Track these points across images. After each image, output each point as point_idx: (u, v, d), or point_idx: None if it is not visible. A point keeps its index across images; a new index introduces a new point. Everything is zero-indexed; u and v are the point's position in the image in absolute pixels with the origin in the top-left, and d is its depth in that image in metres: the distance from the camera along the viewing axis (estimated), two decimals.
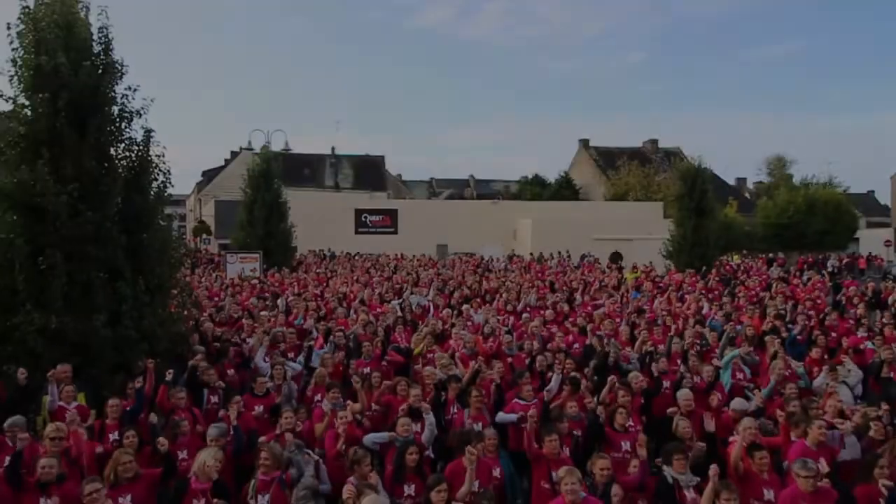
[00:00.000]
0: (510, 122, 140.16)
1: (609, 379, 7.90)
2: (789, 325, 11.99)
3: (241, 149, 42.81)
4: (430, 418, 6.90)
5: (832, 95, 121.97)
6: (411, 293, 16.45)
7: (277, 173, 25.90)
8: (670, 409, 7.22)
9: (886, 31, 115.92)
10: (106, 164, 8.77)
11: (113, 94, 9.08)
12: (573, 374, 8.26)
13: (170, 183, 9.93)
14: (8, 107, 8.62)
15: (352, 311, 13.33)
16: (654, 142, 57.26)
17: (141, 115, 9.37)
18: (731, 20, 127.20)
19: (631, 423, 6.99)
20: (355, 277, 20.09)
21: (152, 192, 9.63)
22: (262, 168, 25.05)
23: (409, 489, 5.89)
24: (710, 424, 7.10)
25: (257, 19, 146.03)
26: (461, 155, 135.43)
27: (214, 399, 8.19)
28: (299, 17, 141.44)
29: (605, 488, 5.61)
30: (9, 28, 8.59)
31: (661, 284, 19.62)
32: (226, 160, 54.53)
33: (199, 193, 52.32)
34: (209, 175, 54.81)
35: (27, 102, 8.51)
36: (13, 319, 8.13)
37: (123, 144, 9.40)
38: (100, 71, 8.73)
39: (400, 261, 27.14)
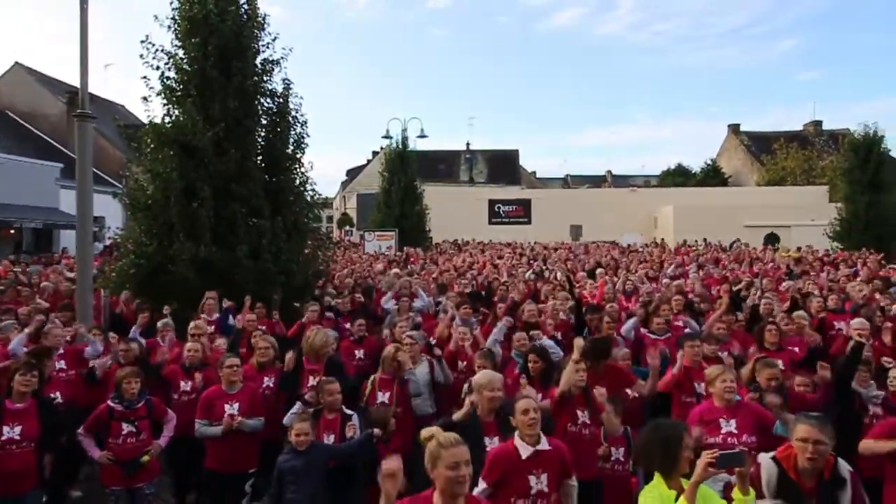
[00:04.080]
0: (648, 120, 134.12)
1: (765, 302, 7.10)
2: None
3: (381, 148, 44.74)
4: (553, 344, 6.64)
5: None
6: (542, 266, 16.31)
7: (412, 158, 26.65)
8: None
9: None
10: (248, 108, 9.30)
11: (255, 45, 9.69)
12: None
13: (307, 134, 10.41)
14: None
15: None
16: (818, 123, 51.57)
17: (280, 64, 9.92)
18: None
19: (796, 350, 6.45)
20: (487, 254, 20.19)
21: (291, 140, 10.13)
22: (398, 152, 25.89)
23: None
24: None
25: (397, 34, 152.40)
26: (597, 155, 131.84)
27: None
28: (436, 28, 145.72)
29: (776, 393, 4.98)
30: None
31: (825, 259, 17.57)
32: (367, 160, 57.20)
33: (344, 191, 55.31)
34: (353, 173, 57.80)
35: (182, 54, 9.28)
36: (170, 250, 8.89)
37: (266, 95, 9.99)
38: (244, 18, 9.32)
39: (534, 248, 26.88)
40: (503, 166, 53.77)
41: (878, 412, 5.01)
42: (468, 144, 55.78)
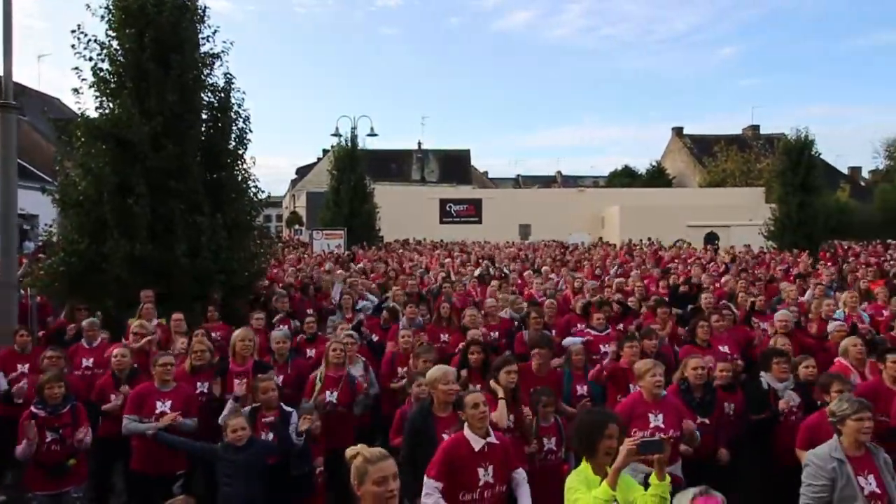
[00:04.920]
0: (597, 122, 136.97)
1: (704, 298, 7.38)
2: None
3: (332, 146, 44.28)
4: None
5: None
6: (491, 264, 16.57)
7: (362, 156, 26.43)
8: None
9: None
10: (188, 102, 9.06)
11: (197, 38, 9.46)
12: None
13: (250, 129, 10.22)
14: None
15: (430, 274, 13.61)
16: (756, 128, 53.71)
17: (221, 58, 9.72)
18: (833, 8, 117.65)
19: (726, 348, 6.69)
20: (436, 253, 20.28)
21: (233, 136, 9.92)
22: (347, 150, 25.63)
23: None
24: None
25: (348, 32, 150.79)
26: (548, 156, 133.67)
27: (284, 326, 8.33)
28: (387, 27, 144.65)
29: (703, 391, 5.18)
30: None
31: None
32: (318, 158, 56.48)
33: (293, 189, 54.47)
34: (302, 172, 56.99)
35: (116, 45, 8.97)
36: (103, 248, 8.59)
37: (207, 90, 9.76)
38: (182, 10, 9.08)
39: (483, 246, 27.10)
40: (455, 166, 53.97)
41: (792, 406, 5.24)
42: (420, 144, 55.83)
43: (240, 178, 9.96)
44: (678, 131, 55.82)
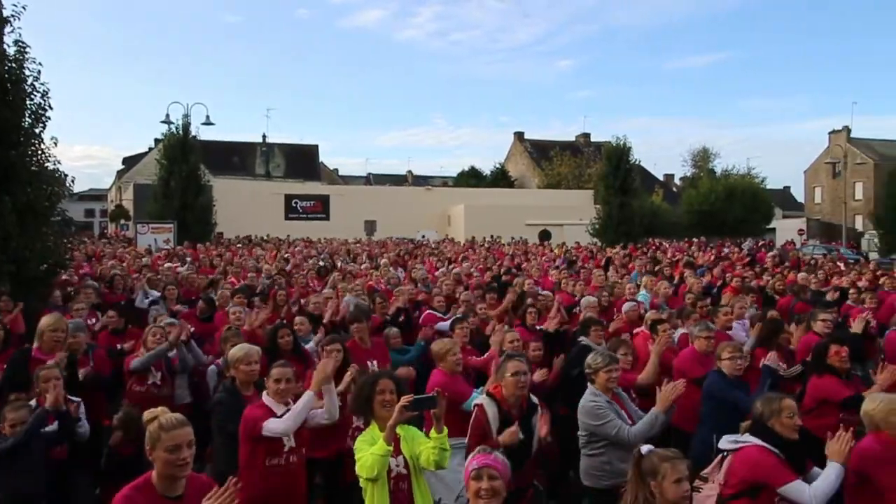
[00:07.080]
0: (447, 124, 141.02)
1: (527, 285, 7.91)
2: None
3: (162, 134, 41.08)
4: None
5: (754, 104, 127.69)
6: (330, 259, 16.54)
7: (196, 146, 24.81)
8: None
9: (798, 43, 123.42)
10: None
11: None
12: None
13: (49, 106, 9.19)
14: None
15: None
16: (587, 135, 58.43)
17: (11, 23, 8.62)
18: (656, 33, 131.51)
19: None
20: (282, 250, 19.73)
21: (28, 111, 8.85)
22: (178, 138, 23.95)
23: None
24: None
25: (185, 16, 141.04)
26: (398, 156, 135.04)
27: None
28: (230, 14, 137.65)
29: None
30: None
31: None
32: (149, 148, 52.19)
33: (120, 181, 49.91)
34: (130, 162, 52.31)
35: None
36: None
37: None
38: None
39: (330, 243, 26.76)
40: (302, 161, 52.62)
41: None
42: (265, 137, 53.65)
43: (36, 159, 8.90)
44: (520, 136, 59.15)
